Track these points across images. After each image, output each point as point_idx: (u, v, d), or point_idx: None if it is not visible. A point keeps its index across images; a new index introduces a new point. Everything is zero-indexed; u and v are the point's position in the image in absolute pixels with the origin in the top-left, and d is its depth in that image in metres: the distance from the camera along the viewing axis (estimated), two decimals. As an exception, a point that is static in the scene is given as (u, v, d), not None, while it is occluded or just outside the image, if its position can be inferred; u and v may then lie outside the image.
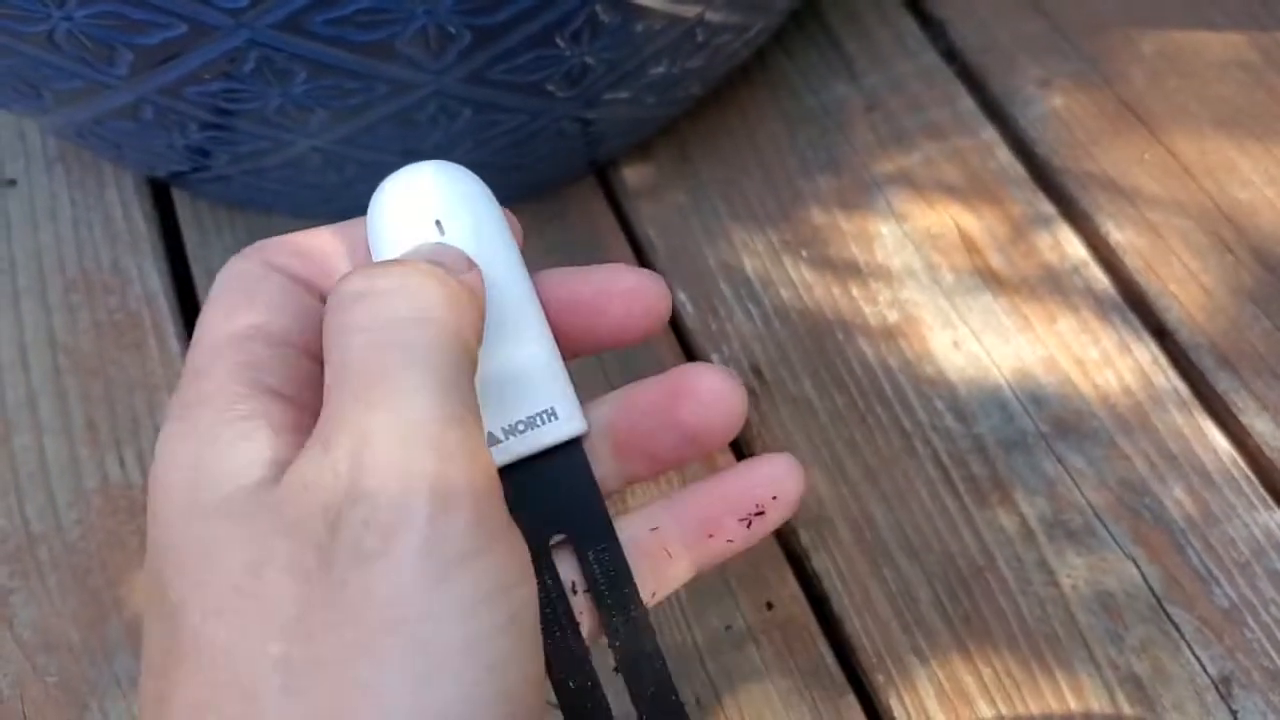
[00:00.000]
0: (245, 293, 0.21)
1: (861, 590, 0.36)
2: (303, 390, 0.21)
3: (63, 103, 0.35)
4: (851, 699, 0.34)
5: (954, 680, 0.35)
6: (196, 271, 0.45)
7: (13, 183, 0.46)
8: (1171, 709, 0.34)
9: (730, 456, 0.40)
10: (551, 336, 0.23)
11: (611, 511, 0.23)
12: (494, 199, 0.24)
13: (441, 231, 0.23)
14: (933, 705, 0.34)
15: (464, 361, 0.20)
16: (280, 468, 0.19)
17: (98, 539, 0.38)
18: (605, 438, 0.24)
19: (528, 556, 0.20)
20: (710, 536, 0.24)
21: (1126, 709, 0.34)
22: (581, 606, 0.23)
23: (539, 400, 0.23)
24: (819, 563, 0.37)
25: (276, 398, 0.20)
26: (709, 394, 0.23)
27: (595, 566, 0.23)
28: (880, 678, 0.35)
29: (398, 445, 0.18)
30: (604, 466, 0.24)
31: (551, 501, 0.21)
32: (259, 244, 0.23)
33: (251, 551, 0.18)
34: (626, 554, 0.23)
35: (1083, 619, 0.35)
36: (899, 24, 0.50)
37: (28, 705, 0.35)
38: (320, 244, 0.23)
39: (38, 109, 0.36)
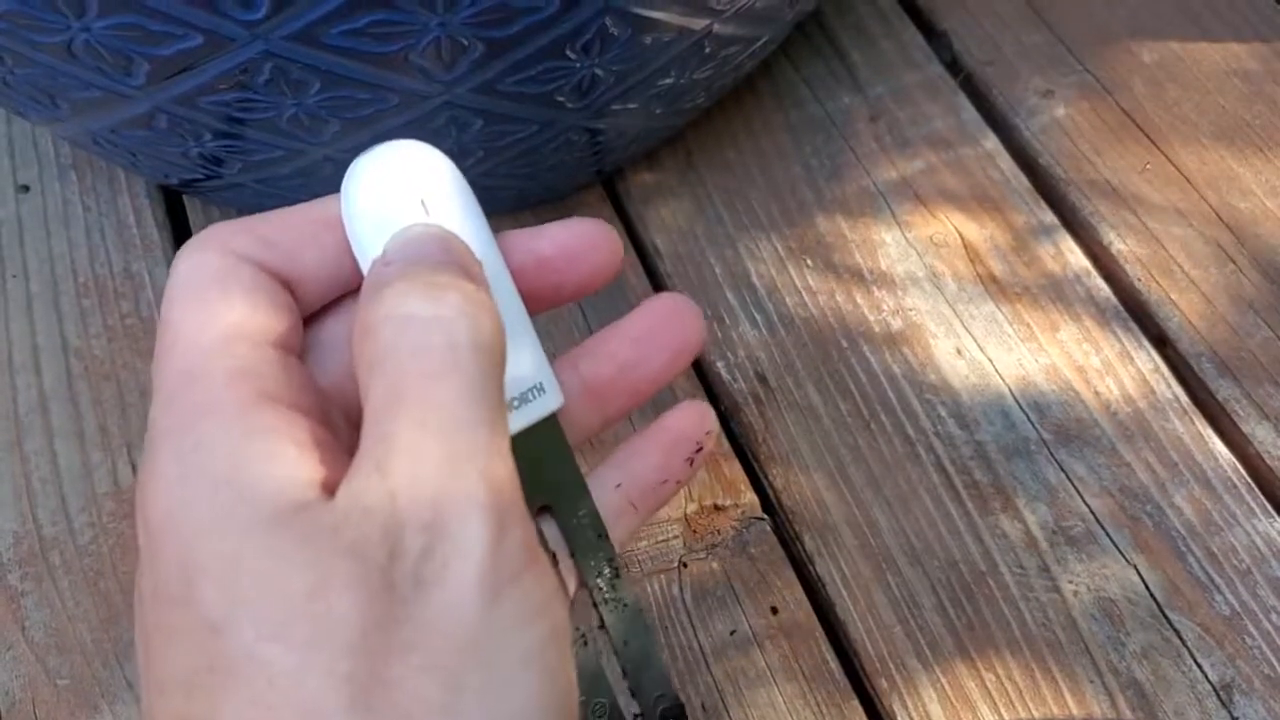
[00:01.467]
0: (217, 288, 0.20)
1: (865, 596, 0.37)
2: (300, 396, 0.20)
3: (79, 112, 0.36)
4: (855, 704, 0.35)
5: (957, 685, 0.35)
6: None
7: (26, 189, 0.47)
8: (1173, 715, 0.34)
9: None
10: (524, 308, 0.23)
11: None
12: (462, 175, 0.23)
13: (427, 211, 0.22)
14: (936, 710, 0.34)
15: (502, 384, 0.20)
16: (321, 488, 0.19)
17: (109, 543, 0.38)
18: (580, 388, 0.25)
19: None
20: (663, 482, 0.25)
21: (1128, 715, 0.34)
22: (565, 570, 0.23)
23: (527, 377, 0.23)
24: (823, 568, 0.37)
25: (283, 408, 0.20)
26: (672, 310, 0.25)
27: (576, 530, 0.23)
28: (884, 683, 0.35)
29: (452, 473, 0.18)
30: (583, 416, 0.25)
31: (533, 472, 0.21)
32: (215, 229, 0.21)
33: (312, 572, 0.18)
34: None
35: (1084, 625, 0.36)
36: (903, 35, 0.51)
37: (39, 707, 0.35)
38: (282, 228, 0.22)
39: (54, 118, 0.37)
